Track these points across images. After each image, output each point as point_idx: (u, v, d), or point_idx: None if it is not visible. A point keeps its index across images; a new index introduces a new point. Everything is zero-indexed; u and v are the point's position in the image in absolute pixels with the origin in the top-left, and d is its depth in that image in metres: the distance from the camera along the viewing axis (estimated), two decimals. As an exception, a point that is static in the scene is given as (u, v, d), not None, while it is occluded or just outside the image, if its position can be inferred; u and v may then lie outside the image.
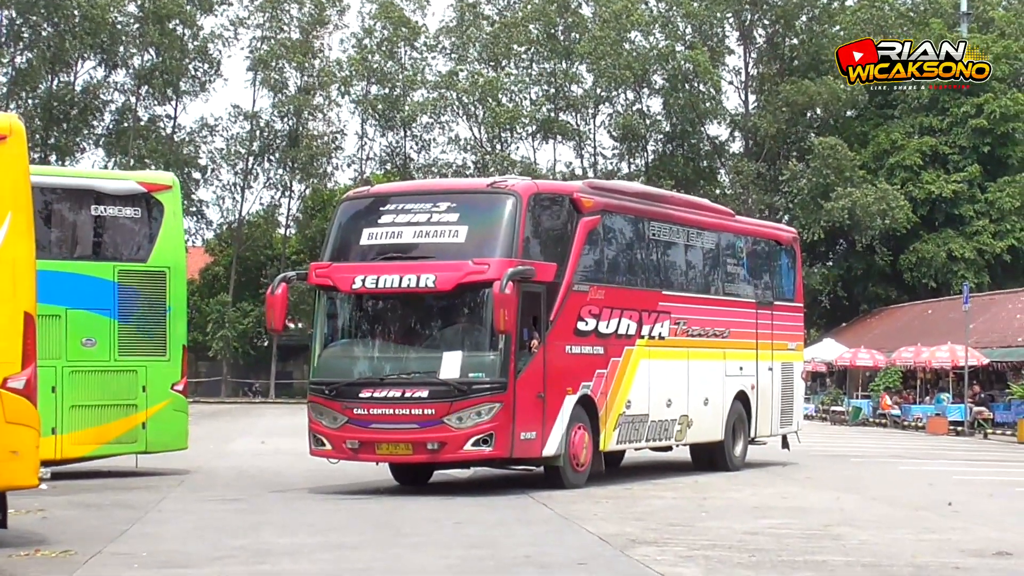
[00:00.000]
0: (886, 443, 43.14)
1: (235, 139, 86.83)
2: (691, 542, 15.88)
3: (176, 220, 25.43)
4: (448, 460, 21.73)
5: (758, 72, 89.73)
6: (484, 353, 21.21)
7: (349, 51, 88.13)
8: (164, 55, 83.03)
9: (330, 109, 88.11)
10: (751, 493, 22.94)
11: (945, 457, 35.80)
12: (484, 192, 22.86)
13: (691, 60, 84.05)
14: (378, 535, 16.24)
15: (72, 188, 25.10)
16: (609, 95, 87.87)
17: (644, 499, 21.30)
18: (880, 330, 70.75)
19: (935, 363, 54.10)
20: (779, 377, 29.51)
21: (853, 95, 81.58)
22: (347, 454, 21.56)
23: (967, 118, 77.76)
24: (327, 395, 21.64)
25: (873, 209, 76.15)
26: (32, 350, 13.88)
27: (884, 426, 55.50)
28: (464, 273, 20.80)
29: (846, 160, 78.39)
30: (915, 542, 16.37)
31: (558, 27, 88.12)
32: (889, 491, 24.39)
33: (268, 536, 16.17)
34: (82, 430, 23.84)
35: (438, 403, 20.77)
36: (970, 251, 75.88)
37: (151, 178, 26.86)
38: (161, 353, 24.84)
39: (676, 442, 26.28)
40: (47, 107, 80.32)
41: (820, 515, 19.37)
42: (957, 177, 77.66)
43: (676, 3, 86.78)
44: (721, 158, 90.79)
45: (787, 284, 31.12)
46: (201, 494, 21.66)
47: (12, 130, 13.93)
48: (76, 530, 16.49)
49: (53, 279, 21.01)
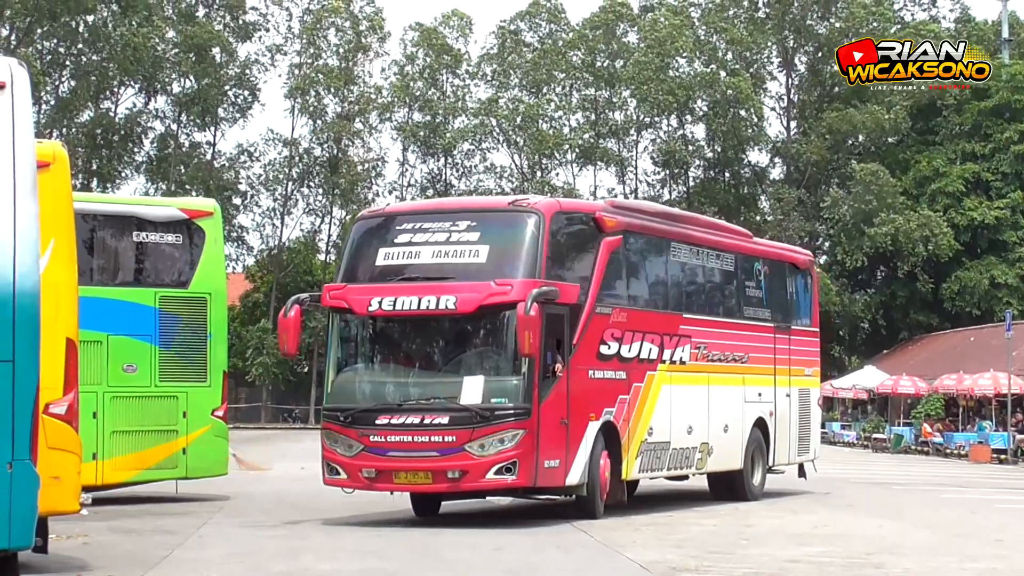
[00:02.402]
0: (928, 471, 42.92)
1: (273, 165, 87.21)
2: (731, 569, 15.83)
3: (217, 246, 25.45)
4: (469, 489, 20.66)
5: (799, 99, 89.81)
6: (507, 378, 20.24)
7: (391, 78, 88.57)
8: (203, 82, 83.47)
9: (370, 135, 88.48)
10: (792, 520, 22.84)
11: (988, 485, 35.60)
12: (505, 211, 21.91)
13: (733, 87, 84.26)
14: (418, 561, 16.21)
15: (114, 215, 25.20)
16: (652, 121, 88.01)
17: (684, 526, 21.16)
18: (922, 357, 70.49)
19: (978, 391, 53.91)
20: (796, 404, 28.72)
21: (896, 123, 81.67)
22: (363, 483, 20.58)
23: (1010, 144, 77.92)
24: (342, 422, 20.59)
25: (915, 236, 76.19)
26: (73, 376, 13.92)
27: (926, 454, 55.23)
28: (486, 295, 19.85)
29: (888, 187, 78.36)
30: (958, 571, 16.29)
31: (601, 53, 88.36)
32: (932, 519, 24.26)
33: (308, 561, 16.17)
34: (123, 456, 23.88)
35: (459, 430, 19.75)
36: (1013, 278, 75.83)
37: (192, 204, 26.96)
38: (202, 379, 24.86)
39: (697, 471, 25.49)
40: (90, 134, 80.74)
41: (862, 543, 19.27)
42: (1000, 203, 77.66)
43: (719, 29, 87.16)
44: (762, 184, 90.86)
45: (804, 308, 30.38)
46: (241, 519, 21.65)
47: (55, 157, 14.00)
48: (117, 555, 16.52)
49: (95, 305, 21.04)
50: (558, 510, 21.84)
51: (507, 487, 20.53)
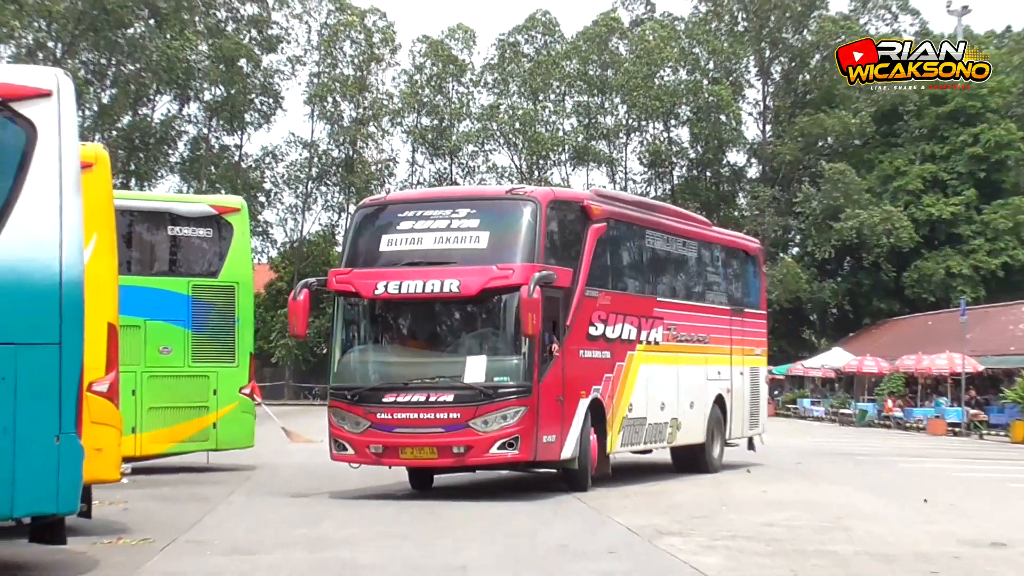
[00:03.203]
0: (890, 443, 42.97)
1: (295, 165, 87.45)
2: (713, 533, 15.84)
3: (244, 239, 25.44)
4: (473, 464, 20.12)
5: (774, 105, 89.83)
6: (508, 357, 19.54)
7: (401, 86, 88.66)
8: (231, 90, 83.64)
9: (382, 138, 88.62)
10: (767, 488, 22.83)
11: (944, 456, 35.63)
12: (504, 198, 21.28)
13: (715, 94, 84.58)
14: (427, 527, 16.21)
15: (151, 211, 25.22)
16: (640, 125, 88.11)
17: (669, 495, 21.16)
18: (884, 340, 70.53)
19: (935, 370, 53.93)
20: (749, 381, 28.43)
21: (862, 126, 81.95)
22: (370, 459, 19.87)
23: (965, 146, 78.16)
24: (349, 400, 19.85)
25: (879, 229, 76.40)
26: (114, 357, 13.93)
27: (888, 427, 55.32)
28: (488, 278, 19.22)
29: (854, 184, 78.52)
30: (918, 533, 16.30)
31: (593, 63, 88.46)
32: (895, 486, 24.30)
33: (327, 527, 16.18)
34: (159, 429, 23.90)
35: (464, 407, 19.11)
36: (967, 268, 75.92)
37: (221, 201, 26.92)
38: (230, 360, 24.87)
39: (667, 444, 24.91)
40: (128, 138, 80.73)
41: (831, 509, 19.28)
42: (955, 200, 77.80)
43: (702, 41, 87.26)
44: (740, 183, 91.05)
45: (754, 292, 30.00)
46: (266, 488, 21.69)
47: (97, 159, 14.00)
48: (154, 520, 16.54)
49: (133, 293, 21.03)
50: (552, 483, 21.45)
51: (509, 461, 20.01)
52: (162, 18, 79.56)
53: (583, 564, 13.12)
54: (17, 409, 11.21)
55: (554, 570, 12.73)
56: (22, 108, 11.60)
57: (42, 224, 11.48)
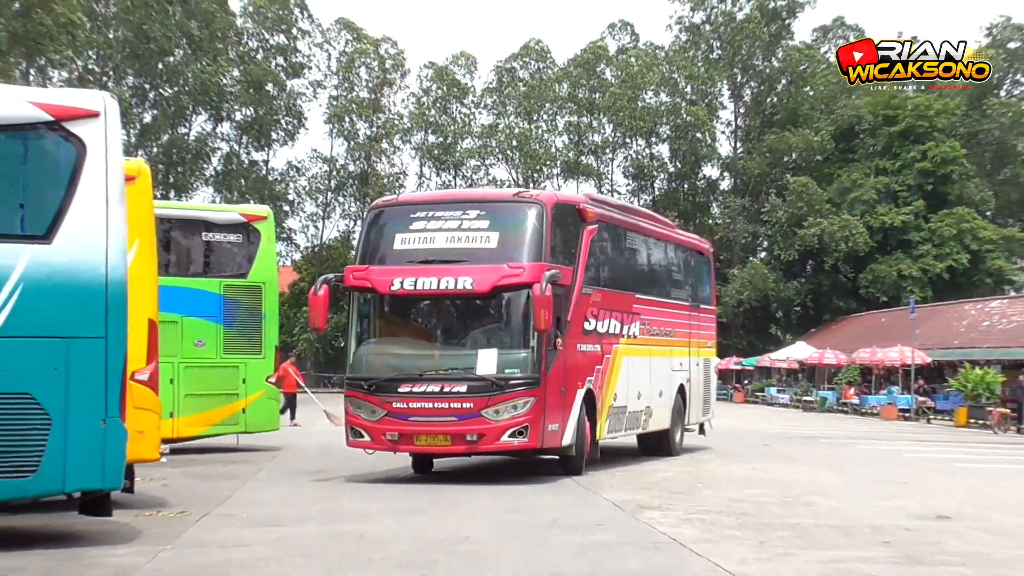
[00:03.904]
0: (848, 427, 42.98)
1: (315, 178, 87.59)
2: (689, 507, 15.86)
3: (270, 244, 25.43)
4: (485, 451, 19.21)
5: (745, 124, 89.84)
6: (518, 351, 18.70)
7: (410, 107, 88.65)
8: (260, 111, 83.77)
9: (393, 154, 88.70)
10: (738, 468, 22.85)
11: (896, 438, 35.65)
12: (512, 201, 20.38)
13: (692, 114, 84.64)
14: (434, 503, 16.21)
15: (187, 219, 25.27)
16: (624, 142, 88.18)
17: (650, 474, 21.12)
18: (842, 335, 70.54)
19: (887, 361, 53.98)
20: (703, 372, 27.88)
21: (823, 144, 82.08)
22: (386, 445, 19.03)
23: (914, 162, 78.44)
24: (366, 390, 18.92)
25: (837, 236, 76.53)
26: (154, 349, 13.94)
27: (846, 413, 55.30)
28: (500, 276, 18.45)
29: (815, 195, 78.67)
30: (873, 508, 16.33)
31: (582, 87, 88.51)
32: (852, 466, 24.32)
33: (343, 502, 16.19)
34: (194, 414, 23.93)
35: (476, 397, 18.32)
36: (916, 271, 76.01)
37: (250, 210, 26.93)
38: (258, 352, 24.88)
39: (642, 430, 24.15)
40: (168, 153, 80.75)
41: (795, 486, 19.32)
42: (906, 210, 77.90)
43: (681, 67, 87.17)
44: (714, 194, 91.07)
45: (707, 289, 29.37)
46: (289, 468, 21.67)
47: (140, 172, 14.01)
48: (190, 495, 16.56)
49: (171, 292, 21.02)
50: (548, 466, 20.94)
51: (518, 448, 19.17)
52: (198, 47, 79.64)
53: (573, 535, 13.13)
54: (68, 396, 11.24)
55: (547, 540, 12.73)
56: (73, 127, 11.62)
57: (90, 230, 11.50)
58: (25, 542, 12.04)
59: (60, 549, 11.76)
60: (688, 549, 12.16)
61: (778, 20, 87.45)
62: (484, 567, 11.05)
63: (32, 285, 11.15)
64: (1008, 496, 18.88)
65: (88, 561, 11.13)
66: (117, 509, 12.99)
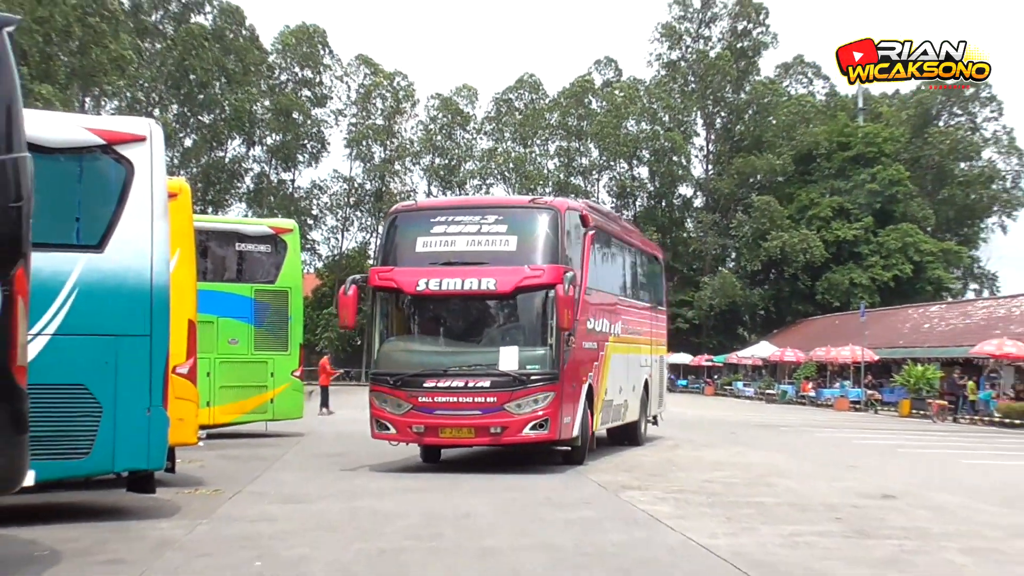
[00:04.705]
0: (806, 417, 43.01)
1: (336, 196, 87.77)
2: (665, 487, 15.85)
3: (296, 254, 25.40)
4: (507, 443, 17.92)
5: (716, 149, 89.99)
6: (538, 348, 17.62)
7: (419, 133, 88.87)
8: (287, 136, 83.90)
9: (405, 174, 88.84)
10: (709, 454, 22.85)
11: (848, 427, 35.67)
12: (528, 207, 18.92)
13: (669, 140, 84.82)
14: (440, 484, 16.16)
15: (222, 231, 25.22)
16: (609, 164, 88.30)
17: (632, 459, 21.04)
18: (801, 335, 70.63)
19: (840, 359, 54.09)
20: (659, 368, 26.95)
21: (784, 167, 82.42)
22: (412, 437, 17.98)
23: (864, 183, 78.64)
24: (392, 385, 17.75)
25: (797, 248, 76.76)
26: (193, 346, 13.94)
27: (804, 404, 55.38)
28: (522, 277, 17.47)
29: (777, 212, 78.95)
30: (826, 488, 16.32)
31: (571, 115, 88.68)
32: (808, 451, 24.32)
33: (359, 482, 16.17)
34: (228, 404, 23.91)
35: (499, 392, 17.26)
36: (866, 279, 76.20)
37: (278, 224, 26.90)
38: (284, 349, 24.85)
39: (623, 422, 23.10)
40: (206, 173, 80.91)
41: (758, 468, 19.30)
42: (857, 226, 78.09)
43: (659, 99, 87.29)
44: (688, 211, 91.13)
45: (662, 292, 28.71)
46: (311, 451, 21.64)
47: (181, 190, 14.01)
48: (224, 475, 16.54)
49: (208, 296, 21.02)
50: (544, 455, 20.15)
51: (538, 440, 17.84)
52: (233, 80, 79.72)
53: (563, 512, 13.13)
54: (117, 387, 11.25)
55: (540, 515, 12.73)
56: (123, 150, 11.64)
57: (137, 241, 11.51)
58: (79, 515, 12.05)
59: (110, 522, 11.76)
60: (664, 524, 12.16)
61: (745, 58, 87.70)
62: (484, 538, 11.05)
63: (86, 289, 11.16)
64: (945, 478, 18.88)
65: (135, 533, 11.13)
66: (160, 487, 12.98)
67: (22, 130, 8.48)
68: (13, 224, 8.27)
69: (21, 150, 8.41)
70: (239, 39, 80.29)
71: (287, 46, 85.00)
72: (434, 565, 9.63)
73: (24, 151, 8.44)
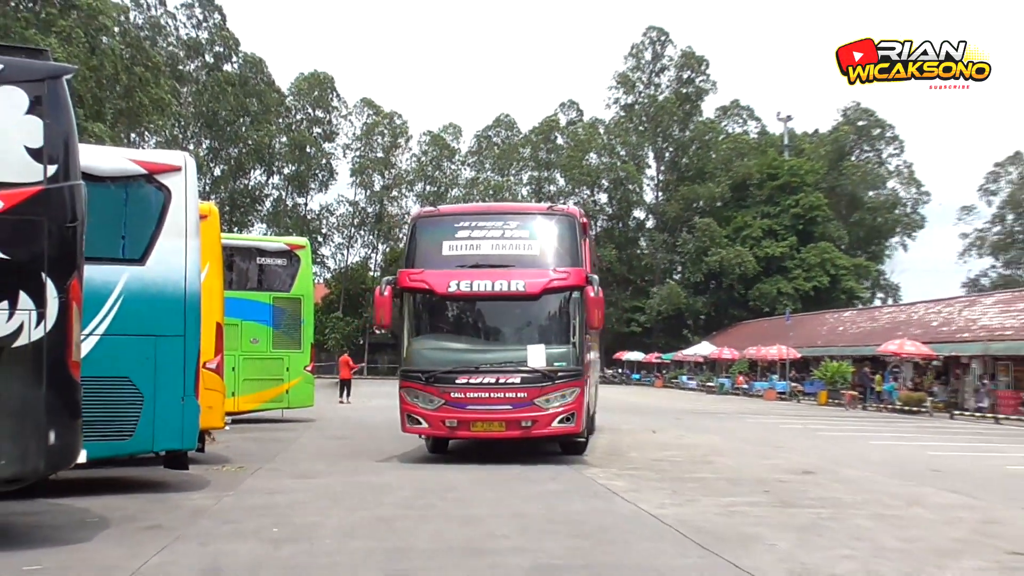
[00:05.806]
0: (740, 406, 43.14)
1: (342, 217, 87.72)
2: (621, 465, 15.92)
3: (308, 267, 25.43)
4: (537, 436, 16.29)
5: (665, 178, 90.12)
6: (564, 347, 16.22)
7: (412, 164, 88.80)
8: (301, 167, 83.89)
9: (401, 200, 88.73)
10: (658, 436, 22.92)
11: (776, 414, 35.80)
12: (547, 213, 17.55)
13: (625, 171, 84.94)
14: (432, 463, 16.22)
15: (245, 248, 25.20)
16: (574, 191, 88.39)
17: (591, 442, 21.08)
18: (736, 336, 70.77)
19: (769, 356, 54.22)
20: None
21: (723, 194, 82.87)
22: (444, 431, 16.39)
23: (790, 208, 79.13)
24: (424, 381, 16.10)
25: (733, 262, 77.02)
26: (220, 345, 13.95)
27: (738, 395, 55.48)
28: (549, 279, 16.17)
29: (716, 233, 79.15)
30: (756, 465, 16.42)
31: (541, 150, 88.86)
32: (742, 434, 24.40)
33: (362, 460, 16.19)
34: (250, 394, 23.89)
35: (529, 388, 15.85)
36: (790, 289, 76.49)
37: (293, 241, 26.92)
38: (298, 347, 24.86)
39: (592, 412, 21.59)
40: (232, 198, 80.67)
41: (700, 449, 19.39)
42: (783, 244, 78.35)
43: (617, 135, 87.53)
44: (641, 231, 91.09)
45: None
46: (322, 434, 21.62)
47: (210, 212, 14.03)
48: (246, 454, 16.54)
49: (233, 302, 21.02)
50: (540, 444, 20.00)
51: (565, 433, 16.49)
52: (255, 119, 79.63)
53: (532, 485, 13.19)
54: (156, 379, 11.25)
55: (514, 489, 12.77)
56: (161, 178, 11.66)
57: (173, 256, 11.52)
58: (124, 488, 12.04)
59: (150, 494, 11.76)
60: (620, 496, 12.22)
61: (690, 102, 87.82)
62: (466, 507, 11.10)
63: (130, 296, 11.17)
64: (855, 456, 18.99)
65: (172, 503, 11.13)
66: (192, 464, 12.99)
67: (77, 162, 8.53)
68: (69, 241, 8.32)
69: (76, 178, 8.46)
70: (260, 84, 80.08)
71: (301, 91, 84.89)
72: (424, 529, 9.68)
73: (79, 179, 8.49)
